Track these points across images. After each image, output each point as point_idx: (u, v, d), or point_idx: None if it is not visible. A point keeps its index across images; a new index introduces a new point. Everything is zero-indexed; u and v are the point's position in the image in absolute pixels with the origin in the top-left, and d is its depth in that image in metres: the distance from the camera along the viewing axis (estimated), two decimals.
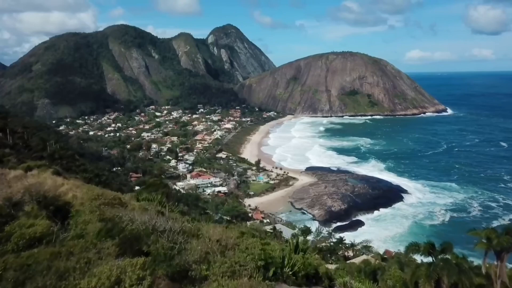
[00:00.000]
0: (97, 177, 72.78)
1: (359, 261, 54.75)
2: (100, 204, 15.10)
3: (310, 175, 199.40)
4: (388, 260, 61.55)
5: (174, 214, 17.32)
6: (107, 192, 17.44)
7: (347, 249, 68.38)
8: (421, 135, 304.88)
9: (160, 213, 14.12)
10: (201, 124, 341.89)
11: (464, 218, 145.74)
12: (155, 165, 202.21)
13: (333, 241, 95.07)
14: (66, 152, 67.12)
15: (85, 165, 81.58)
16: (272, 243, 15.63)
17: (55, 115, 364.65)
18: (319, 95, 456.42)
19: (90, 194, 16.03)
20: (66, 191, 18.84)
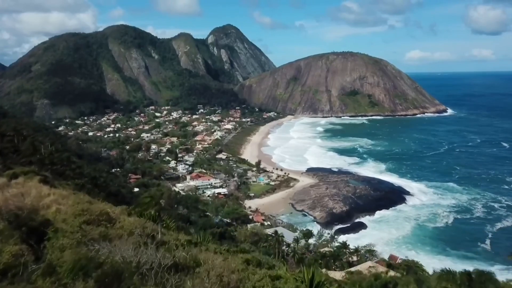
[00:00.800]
0: (93, 180, 70.90)
1: (364, 268, 52.98)
2: (84, 221, 13.26)
3: (311, 176, 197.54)
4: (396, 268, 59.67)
5: (168, 235, 15.53)
6: (94, 206, 15.63)
7: (351, 255, 66.62)
8: (422, 136, 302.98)
9: (150, 237, 12.35)
10: (201, 125, 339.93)
11: (468, 220, 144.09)
12: (155, 166, 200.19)
13: (336, 245, 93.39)
14: (62, 155, 65.18)
15: (82, 168, 79.61)
16: (283, 273, 13.75)
17: (54, 116, 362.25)
18: (320, 95, 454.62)
19: (74, 209, 14.19)
20: (50, 203, 17.04)
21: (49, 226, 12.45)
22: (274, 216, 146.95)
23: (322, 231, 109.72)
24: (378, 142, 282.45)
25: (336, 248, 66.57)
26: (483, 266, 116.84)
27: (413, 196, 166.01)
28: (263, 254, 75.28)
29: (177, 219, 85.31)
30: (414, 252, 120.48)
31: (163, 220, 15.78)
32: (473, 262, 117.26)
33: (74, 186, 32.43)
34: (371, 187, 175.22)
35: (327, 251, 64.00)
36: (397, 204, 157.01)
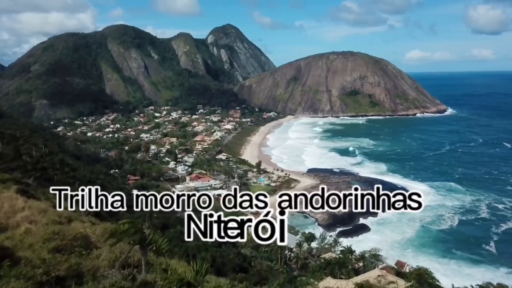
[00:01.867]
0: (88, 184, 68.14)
1: (373, 277, 50.46)
2: (54, 248, 10.71)
3: (312, 177, 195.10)
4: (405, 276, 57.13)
5: (157, 266, 13.07)
6: (70, 228, 13.12)
7: (357, 261, 64.20)
8: (423, 136, 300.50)
9: (131, 278, 9.87)
10: (200, 125, 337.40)
11: (473, 221, 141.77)
12: (154, 167, 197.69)
13: (339, 249, 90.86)
14: (54, 157, 62.47)
15: (77, 170, 76.80)
16: None
17: (53, 116, 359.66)
18: (320, 95, 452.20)
19: (44, 232, 11.66)
20: (21, 220, 14.50)
21: (6, 257, 9.93)
22: (275, 218, 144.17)
23: (325, 234, 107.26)
24: (380, 142, 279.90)
25: (341, 254, 64.06)
26: (489, 269, 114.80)
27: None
28: (265, 259, 73.06)
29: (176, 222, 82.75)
30: (418, 256, 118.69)
31: (152, 243, 13.18)
32: (478, 265, 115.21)
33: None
34: (373, 188, 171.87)
35: (332, 258, 61.52)
36: None
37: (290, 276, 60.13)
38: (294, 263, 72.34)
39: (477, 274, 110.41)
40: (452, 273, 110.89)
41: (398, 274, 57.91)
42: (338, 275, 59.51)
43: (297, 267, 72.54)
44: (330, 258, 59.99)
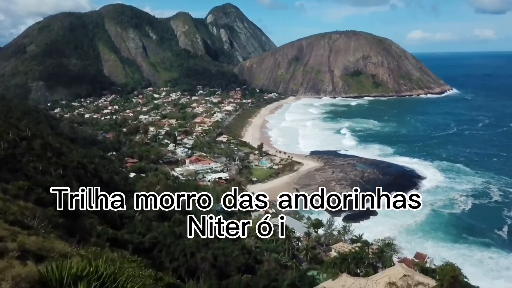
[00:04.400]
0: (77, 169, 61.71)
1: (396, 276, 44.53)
2: None
3: (315, 160, 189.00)
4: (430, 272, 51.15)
5: None
6: None
7: (375, 256, 58.27)
8: (429, 117, 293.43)
9: None
10: (200, 106, 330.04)
11: (485, 205, 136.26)
12: (152, 150, 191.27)
13: (350, 237, 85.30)
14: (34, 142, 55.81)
15: (64, 155, 69.81)
16: None
17: (50, 98, 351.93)
18: (322, 75, 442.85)
19: None
20: None
21: None
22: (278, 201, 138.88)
23: (332, 220, 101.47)
24: (385, 123, 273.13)
25: (358, 247, 58.08)
26: (500, 254, 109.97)
27: (425, 180, 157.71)
28: (271, 251, 67.28)
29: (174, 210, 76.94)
30: (429, 241, 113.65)
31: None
32: (490, 249, 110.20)
33: (16, 190, 24.43)
34: (379, 171, 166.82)
35: (347, 251, 55.63)
36: (409, 189, 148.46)
37: (301, 273, 54.34)
38: (304, 255, 66.67)
39: (488, 260, 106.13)
40: (463, 259, 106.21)
41: (424, 271, 52.17)
42: (354, 271, 53.82)
43: (306, 259, 66.90)
44: (344, 252, 54.12)
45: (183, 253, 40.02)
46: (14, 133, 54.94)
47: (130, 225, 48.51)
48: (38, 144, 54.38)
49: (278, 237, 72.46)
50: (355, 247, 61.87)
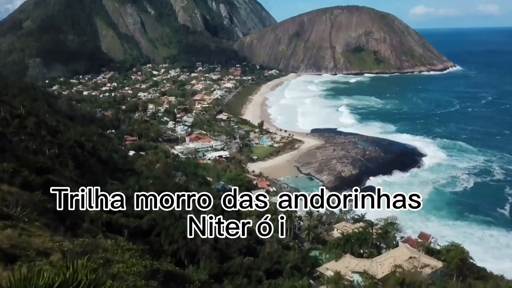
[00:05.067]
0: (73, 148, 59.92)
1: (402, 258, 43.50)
2: None
3: (316, 138, 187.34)
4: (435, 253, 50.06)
5: None
6: None
7: (379, 237, 57.19)
8: (431, 94, 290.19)
9: None
10: (199, 83, 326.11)
11: (487, 183, 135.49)
12: (152, 128, 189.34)
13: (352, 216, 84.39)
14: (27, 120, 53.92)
15: (60, 133, 67.82)
16: None
17: (47, 75, 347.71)
18: (323, 52, 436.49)
19: None
20: None
21: None
22: (278, 180, 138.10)
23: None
24: (387, 101, 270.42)
25: (362, 228, 57.00)
26: (501, 232, 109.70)
27: (427, 158, 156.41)
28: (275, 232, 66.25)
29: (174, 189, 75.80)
30: (430, 219, 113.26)
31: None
32: (491, 228, 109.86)
33: (0, 173, 22.75)
34: (381, 149, 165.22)
35: (351, 232, 54.55)
36: (411, 167, 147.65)
37: (303, 253, 53.40)
38: (306, 235, 65.80)
39: (488, 238, 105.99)
40: (464, 236, 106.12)
41: (429, 252, 51.17)
42: (357, 252, 52.87)
43: (308, 240, 66.05)
44: (347, 231, 53.00)
45: (182, 236, 38.89)
46: (6, 111, 53.06)
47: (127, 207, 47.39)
48: (31, 122, 52.55)
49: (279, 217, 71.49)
50: (359, 227, 60.89)
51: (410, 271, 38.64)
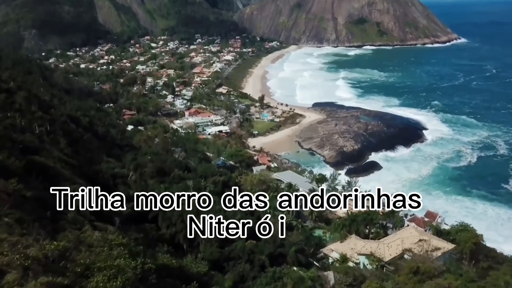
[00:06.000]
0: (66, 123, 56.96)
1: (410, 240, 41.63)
2: None
3: (318, 112, 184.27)
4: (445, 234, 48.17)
5: None
6: None
7: (386, 216, 55.23)
8: (435, 67, 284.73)
9: None
10: (199, 56, 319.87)
11: (491, 158, 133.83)
12: (150, 101, 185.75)
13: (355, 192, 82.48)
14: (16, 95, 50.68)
15: (53, 108, 64.51)
16: None
17: (44, 48, 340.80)
18: (325, 23, 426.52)
19: None
20: None
21: None
22: (279, 155, 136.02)
23: (336, 174, 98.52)
24: (390, 74, 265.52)
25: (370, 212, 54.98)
26: (504, 208, 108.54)
27: (430, 132, 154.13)
28: (274, 209, 64.48)
29: (173, 166, 73.68)
30: (434, 195, 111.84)
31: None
32: (493, 203, 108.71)
33: None
34: (384, 123, 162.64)
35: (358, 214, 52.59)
36: (414, 142, 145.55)
37: (307, 234, 51.60)
38: (308, 213, 64.04)
39: (491, 213, 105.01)
40: (466, 211, 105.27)
41: (439, 234, 49.37)
42: (363, 232, 51.10)
43: (311, 218, 64.34)
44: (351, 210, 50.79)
45: (181, 219, 36.85)
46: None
47: (123, 187, 45.16)
48: (21, 97, 49.65)
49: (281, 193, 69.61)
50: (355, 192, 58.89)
51: (421, 254, 36.82)
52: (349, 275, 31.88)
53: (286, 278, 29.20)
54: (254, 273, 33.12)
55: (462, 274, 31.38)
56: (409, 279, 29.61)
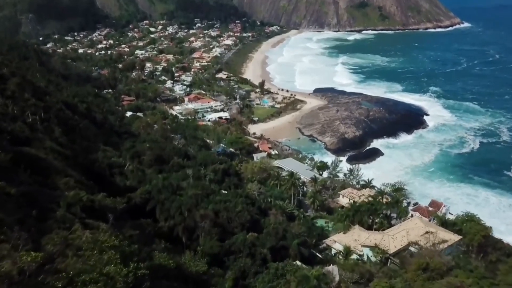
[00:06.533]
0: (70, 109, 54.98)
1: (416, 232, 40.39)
2: None
3: (319, 98, 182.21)
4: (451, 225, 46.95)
5: None
6: None
7: (390, 205, 53.86)
8: (438, 52, 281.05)
9: None
10: (198, 41, 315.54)
11: (494, 144, 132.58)
12: (150, 87, 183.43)
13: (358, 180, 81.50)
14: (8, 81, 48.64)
15: (48, 95, 62.32)
16: None
17: (41, 32, 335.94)
18: (326, 7, 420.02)
19: None
20: None
21: None
22: (280, 142, 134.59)
23: (337, 162, 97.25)
24: (392, 59, 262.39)
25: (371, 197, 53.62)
26: (506, 196, 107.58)
27: (432, 118, 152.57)
28: (276, 198, 63.35)
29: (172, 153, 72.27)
30: (435, 182, 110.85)
31: None
32: (495, 191, 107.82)
33: None
34: (385, 109, 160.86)
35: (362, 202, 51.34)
36: (416, 128, 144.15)
37: (309, 224, 50.43)
38: (310, 203, 62.83)
39: (493, 200, 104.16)
40: (468, 199, 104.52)
41: (444, 225, 48.19)
42: (367, 223, 49.86)
43: (313, 208, 63.19)
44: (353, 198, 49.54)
45: (179, 211, 35.55)
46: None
47: (120, 177, 43.75)
48: (13, 84, 47.70)
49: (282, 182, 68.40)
50: (367, 195, 57.56)
51: (428, 248, 35.65)
52: (355, 272, 30.78)
53: (289, 275, 28.09)
54: (255, 268, 31.95)
55: (472, 270, 30.24)
56: (418, 276, 28.51)
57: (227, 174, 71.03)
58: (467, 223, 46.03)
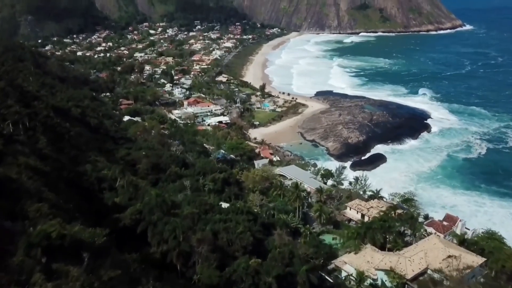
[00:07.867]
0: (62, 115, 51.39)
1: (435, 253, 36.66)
2: None
3: (321, 101, 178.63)
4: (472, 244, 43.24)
5: None
6: None
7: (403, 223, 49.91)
8: (441, 55, 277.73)
9: None
10: (198, 43, 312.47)
11: (501, 150, 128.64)
12: (148, 90, 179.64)
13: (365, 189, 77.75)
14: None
15: (38, 99, 58.57)
16: None
17: (40, 34, 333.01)
18: (327, 9, 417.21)
19: None
20: None
21: None
22: (281, 147, 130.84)
23: (341, 169, 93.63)
24: (394, 61, 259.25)
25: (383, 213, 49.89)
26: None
27: (437, 122, 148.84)
28: (279, 211, 59.52)
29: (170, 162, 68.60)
30: (441, 188, 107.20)
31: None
32: (504, 199, 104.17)
33: None
34: (389, 113, 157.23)
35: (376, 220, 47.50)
36: (420, 132, 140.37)
37: (316, 242, 46.69)
38: (316, 216, 59.07)
39: (499, 209, 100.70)
40: (475, 205, 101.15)
41: (463, 243, 44.46)
42: (379, 242, 46.05)
43: (319, 222, 59.43)
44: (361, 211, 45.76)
45: (173, 235, 31.82)
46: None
47: (109, 194, 39.96)
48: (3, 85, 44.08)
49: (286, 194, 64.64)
50: (378, 209, 53.64)
51: (454, 277, 31.99)
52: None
53: None
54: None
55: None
56: None
57: (227, 184, 67.41)
58: (488, 242, 42.46)
